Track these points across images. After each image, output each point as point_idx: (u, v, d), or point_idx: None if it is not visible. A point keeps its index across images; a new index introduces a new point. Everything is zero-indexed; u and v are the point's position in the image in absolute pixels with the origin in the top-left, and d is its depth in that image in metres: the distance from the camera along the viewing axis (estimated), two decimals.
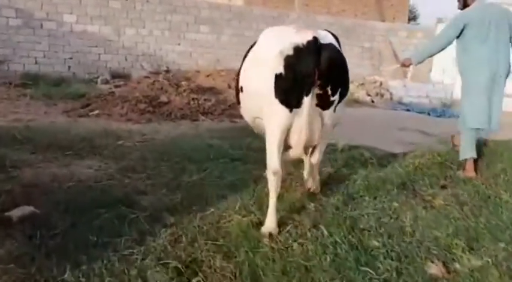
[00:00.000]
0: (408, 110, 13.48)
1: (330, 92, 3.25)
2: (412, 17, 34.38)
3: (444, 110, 13.21)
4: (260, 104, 3.40)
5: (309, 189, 4.28)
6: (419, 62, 5.09)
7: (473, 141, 4.93)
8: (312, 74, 3.06)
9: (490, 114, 4.74)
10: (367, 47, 16.69)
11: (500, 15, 4.62)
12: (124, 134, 7.24)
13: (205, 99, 9.97)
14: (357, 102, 14.36)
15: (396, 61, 16.85)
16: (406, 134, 9.44)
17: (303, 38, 3.10)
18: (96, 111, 8.83)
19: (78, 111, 8.88)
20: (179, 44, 14.11)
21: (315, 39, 3.07)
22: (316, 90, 3.18)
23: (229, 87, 11.27)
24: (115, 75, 12.82)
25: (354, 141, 7.10)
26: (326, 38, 3.32)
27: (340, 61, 3.33)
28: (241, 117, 9.91)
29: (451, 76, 16.54)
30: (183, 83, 10.47)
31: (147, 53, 13.73)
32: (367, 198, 4.43)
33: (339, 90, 3.35)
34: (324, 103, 3.30)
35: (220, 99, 10.36)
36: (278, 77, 3.15)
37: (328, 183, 4.83)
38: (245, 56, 3.90)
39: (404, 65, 5.44)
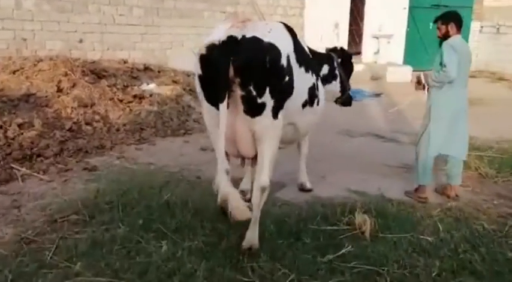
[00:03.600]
0: None
1: (254, 93, 2.79)
2: None
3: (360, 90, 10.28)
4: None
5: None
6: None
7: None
8: (225, 72, 2.73)
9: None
10: (230, 13, 12.96)
11: (469, 55, 4.33)
12: None
13: (20, 126, 5.12)
14: None
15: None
16: (365, 141, 6.28)
17: (223, 34, 2.83)
18: None
19: None
20: None
21: (229, 36, 2.79)
22: (239, 91, 2.81)
23: (60, 90, 6.42)
24: None
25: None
26: (258, 31, 2.88)
27: (264, 57, 2.81)
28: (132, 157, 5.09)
29: (331, 43, 13.99)
30: None
31: None
32: None
33: (268, 90, 2.84)
34: (249, 106, 2.85)
35: (50, 120, 5.59)
36: (200, 78, 2.99)
37: None
38: None
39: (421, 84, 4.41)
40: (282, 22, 3.37)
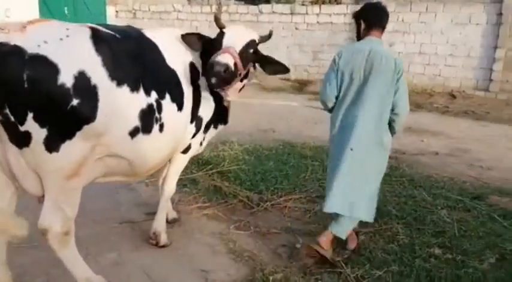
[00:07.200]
0: None
1: (12, 118, 2.16)
2: None
3: None
4: None
5: None
6: None
7: None
8: None
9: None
10: None
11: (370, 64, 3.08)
12: None
13: None
14: None
15: None
16: None
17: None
18: None
19: None
20: None
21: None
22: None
23: None
24: None
25: None
26: (34, 39, 2.17)
27: (20, 73, 2.10)
28: None
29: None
30: None
31: None
32: None
33: (32, 116, 2.17)
34: (10, 135, 2.22)
35: None
36: None
37: None
38: None
39: None
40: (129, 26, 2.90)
